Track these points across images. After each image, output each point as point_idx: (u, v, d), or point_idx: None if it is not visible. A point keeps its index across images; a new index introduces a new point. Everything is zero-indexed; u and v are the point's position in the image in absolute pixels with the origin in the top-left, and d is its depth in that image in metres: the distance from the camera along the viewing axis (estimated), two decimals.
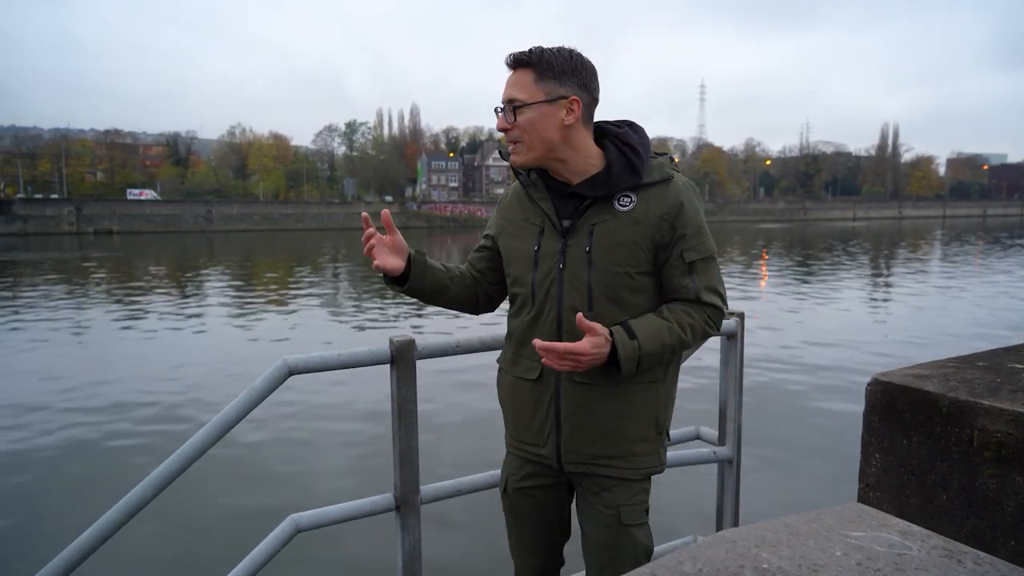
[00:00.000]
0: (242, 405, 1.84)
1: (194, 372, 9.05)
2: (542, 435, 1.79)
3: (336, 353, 1.96)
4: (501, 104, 1.70)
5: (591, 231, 1.70)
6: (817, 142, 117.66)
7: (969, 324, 12.03)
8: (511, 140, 1.72)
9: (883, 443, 1.98)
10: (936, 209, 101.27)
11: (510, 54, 1.69)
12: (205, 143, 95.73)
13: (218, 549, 4.04)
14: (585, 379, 1.70)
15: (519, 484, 1.89)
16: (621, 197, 1.70)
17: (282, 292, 18.47)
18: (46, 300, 16.63)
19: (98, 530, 1.73)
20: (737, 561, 0.92)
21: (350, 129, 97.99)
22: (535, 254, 1.76)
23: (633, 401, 1.72)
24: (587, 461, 1.75)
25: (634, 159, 1.70)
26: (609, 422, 1.72)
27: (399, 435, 2.07)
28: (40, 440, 6.26)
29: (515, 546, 1.98)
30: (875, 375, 2.03)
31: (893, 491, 1.97)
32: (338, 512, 2.02)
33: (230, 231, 62.30)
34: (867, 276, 21.61)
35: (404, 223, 71.43)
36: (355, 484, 5.07)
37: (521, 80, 1.67)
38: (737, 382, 2.48)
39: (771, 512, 4.01)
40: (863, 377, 6.82)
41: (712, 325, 1.73)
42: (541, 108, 1.66)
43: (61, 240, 50.35)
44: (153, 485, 1.77)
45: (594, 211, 1.70)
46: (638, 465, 1.76)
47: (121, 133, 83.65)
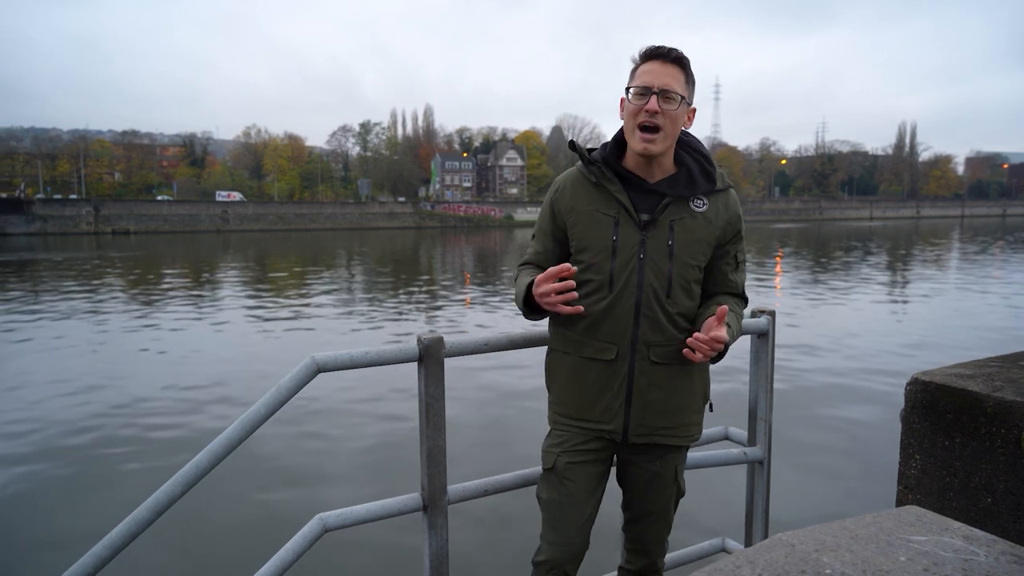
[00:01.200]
0: (270, 402, 1.82)
1: (217, 370, 9.09)
2: (610, 411, 1.91)
3: (364, 351, 1.94)
4: (644, 87, 1.80)
5: (671, 226, 1.87)
6: (833, 141, 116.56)
7: (995, 322, 11.85)
8: (653, 125, 1.81)
9: (923, 444, 1.93)
10: (954, 208, 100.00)
11: (663, 47, 1.82)
12: (221, 144, 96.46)
13: (243, 548, 4.04)
14: (661, 359, 1.88)
15: (572, 460, 1.96)
16: (695, 199, 1.90)
17: (305, 289, 18.56)
18: (70, 299, 16.81)
19: (127, 527, 1.72)
20: (798, 566, 0.89)
21: (364, 129, 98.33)
22: (613, 243, 1.88)
23: (693, 378, 1.94)
24: (652, 432, 1.92)
25: (709, 167, 1.93)
26: (674, 397, 1.91)
27: (426, 434, 2.05)
28: (65, 441, 6.30)
29: (554, 526, 1.98)
30: (915, 375, 1.98)
31: (935, 493, 1.92)
32: (365, 512, 2.00)
33: (245, 231, 62.73)
34: (889, 275, 21.37)
35: (418, 223, 71.68)
36: (376, 481, 5.05)
37: (676, 75, 1.82)
38: (768, 381, 2.43)
39: (802, 514, 3.96)
40: (886, 375, 6.76)
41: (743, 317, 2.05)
42: (684, 107, 1.84)
43: (80, 240, 50.92)
44: (182, 482, 1.75)
45: (673, 209, 1.88)
46: (690, 433, 1.99)
47: (139, 134, 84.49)
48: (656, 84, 1.79)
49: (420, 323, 13.13)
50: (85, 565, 1.68)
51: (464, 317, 13.84)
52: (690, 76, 1.85)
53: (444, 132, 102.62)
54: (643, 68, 1.83)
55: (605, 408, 1.91)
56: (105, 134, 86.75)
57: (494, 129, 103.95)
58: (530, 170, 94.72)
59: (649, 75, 1.81)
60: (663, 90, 1.79)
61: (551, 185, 2.05)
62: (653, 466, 1.97)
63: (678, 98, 1.80)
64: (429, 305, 15.56)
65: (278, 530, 4.17)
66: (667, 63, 1.81)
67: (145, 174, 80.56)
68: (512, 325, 12.54)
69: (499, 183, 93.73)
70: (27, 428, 6.71)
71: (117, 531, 1.72)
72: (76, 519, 4.61)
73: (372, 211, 73.07)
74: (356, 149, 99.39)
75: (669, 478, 1.99)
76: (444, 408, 2.06)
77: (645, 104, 1.80)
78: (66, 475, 5.39)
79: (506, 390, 7.17)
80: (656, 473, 1.98)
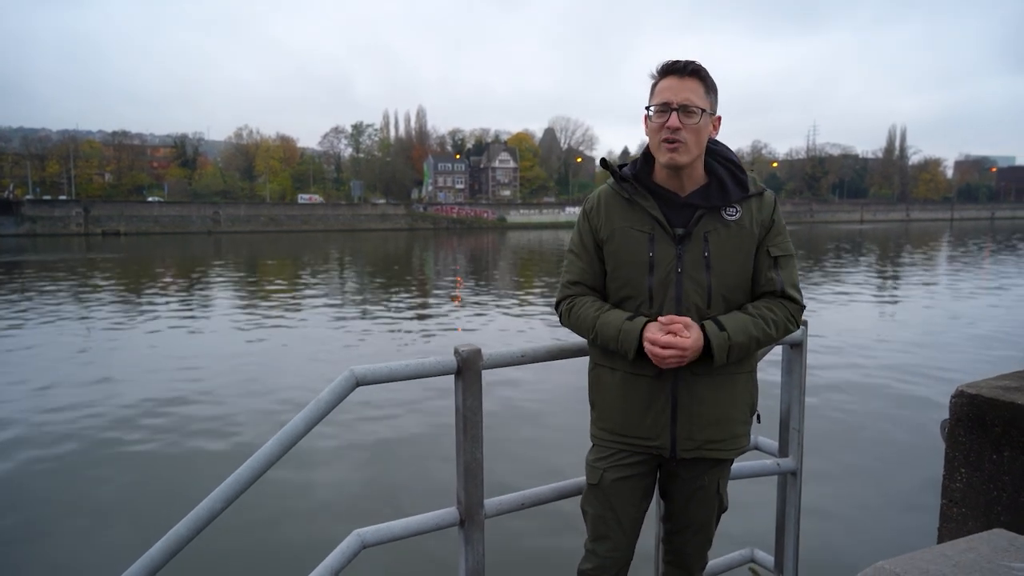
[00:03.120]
0: (310, 416, 1.79)
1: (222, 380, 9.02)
2: (656, 427, 1.90)
3: (403, 363, 1.91)
4: (664, 104, 1.80)
5: (706, 238, 1.86)
6: (824, 144, 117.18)
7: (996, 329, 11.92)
8: (675, 139, 1.80)
9: (970, 457, 1.91)
10: (944, 212, 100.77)
11: (679, 62, 1.82)
12: (212, 144, 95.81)
13: (277, 565, 4.00)
14: (701, 370, 1.85)
15: (617, 475, 1.96)
16: (727, 208, 1.89)
17: (303, 298, 18.45)
18: (70, 301, 16.66)
19: (167, 544, 1.68)
20: None
21: (356, 131, 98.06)
22: (650, 259, 1.88)
23: (737, 388, 1.92)
24: (700, 447, 1.90)
25: (740, 175, 1.92)
26: (719, 409, 1.89)
27: (463, 447, 2.02)
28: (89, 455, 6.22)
29: (601, 540, 2.01)
30: (960, 387, 1.96)
31: (981, 508, 1.90)
32: (403, 527, 1.97)
33: (237, 232, 62.41)
34: (879, 278, 21.48)
35: (410, 225, 71.51)
36: (412, 495, 4.99)
37: (696, 88, 1.81)
38: (801, 392, 2.42)
39: (834, 527, 3.93)
40: (910, 384, 6.71)
41: (792, 320, 1.90)
42: (707, 118, 1.83)
43: (70, 241, 50.51)
44: (222, 498, 1.72)
45: (707, 220, 1.87)
46: (738, 446, 1.96)
47: (129, 135, 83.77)
48: (676, 100, 1.79)
49: (447, 333, 13.08)
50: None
51: (477, 320, 13.80)
52: (710, 86, 1.84)
53: (437, 134, 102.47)
54: (662, 84, 1.83)
55: (652, 424, 1.90)
56: (95, 134, 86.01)
57: (487, 131, 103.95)
58: (523, 172, 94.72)
59: (668, 91, 1.81)
60: (683, 105, 1.79)
61: (584, 202, 2.06)
62: (699, 480, 1.96)
63: (699, 111, 1.79)
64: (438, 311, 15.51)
65: (311, 545, 4.20)
66: (684, 77, 1.80)
67: (135, 175, 79.95)
68: (527, 335, 12.53)
69: (492, 185, 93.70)
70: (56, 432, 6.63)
71: (156, 548, 1.68)
72: (103, 539, 4.55)
73: (364, 213, 72.86)
74: (348, 150, 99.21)
75: (712, 491, 1.99)
76: (481, 421, 2.03)
77: (666, 121, 1.80)
78: (81, 495, 5.31)
79: (529, 398, 7.17)
80: (700, 486, 1.97)
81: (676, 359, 1.76)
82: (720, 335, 1.78)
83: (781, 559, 2.54)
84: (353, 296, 18.30)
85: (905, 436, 6.13)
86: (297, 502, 5.00)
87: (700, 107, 1.79)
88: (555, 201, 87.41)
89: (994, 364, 8.72)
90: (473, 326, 13.00)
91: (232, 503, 1.74)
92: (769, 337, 1.85)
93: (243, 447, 6.16)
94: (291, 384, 8.43)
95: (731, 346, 1.79)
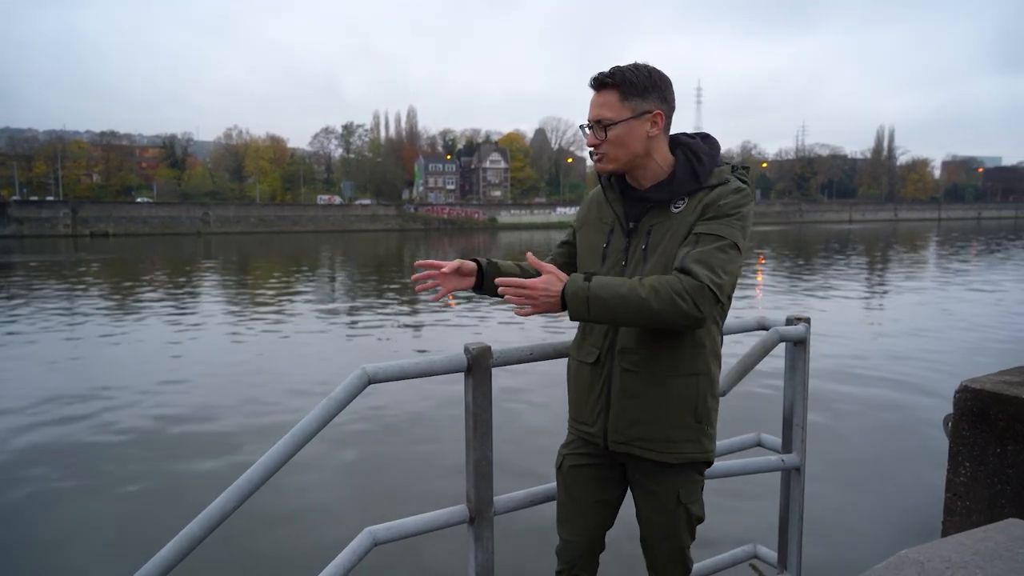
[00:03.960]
0: (322, 414, 1.80)
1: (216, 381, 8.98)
2: (593, 414, 1.94)
3: (414, 361, 1.93)
4: (588, 123, 1.86)
5: (649, 231, 1.87)
6: (813, 145, 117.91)
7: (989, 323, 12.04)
8: (599, 153, 1.87)
9: (973, 451, 1.94)
10: (931, 211, 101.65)
11: (593, 76, 1.83)
12: (202, 145, 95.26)
13: (291, 561, 4.00)
14: (631, 367, 1.85)
15: (574, 461, 2.03)
16: (677, 201, 1.85)
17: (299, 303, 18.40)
18: (74, 302, 16.53)
19: (179, 544, 1.68)
20: None
21: (347, 131, 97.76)
22: (603, 250, 1.94)
23: (673, 390, 1.83)
24: (628, 441, 1.88)
25: (697, 166, 1.85)
26: (650, 407, 1.84)
27: (473, 445, 2.03)
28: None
29: (562, 523, 2.07)
30: (963, 382, 1.99)
31: (985, 501, 1.93)
32: (413, 525, 1.98)
33: (227, 233, 62.10)
34: (867, 278, 21.66)
35: (401, 226, 71.40)
36: (422, 493, 4.99)
37: (607, 100, 1.81)
38: (804, 388, 2.44)
39: (836, 522, 3.96)
40: (910, 380, 6.73)
41: (685, 296, 1.65)
42: (629, 124, 1.81)
43: (57, 242, 50.09)
44: (235, 497, 1.72)
45: (654, 213, 1.88)
46: (676, 450, 1.86)
47: (117, 135, 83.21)
48: (590, 117, 1.85)
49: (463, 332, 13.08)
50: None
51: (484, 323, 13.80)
52: (627, 90, 1.79)
53: (427, 134, 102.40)
54: (591, 100, 1.87)
55: (590, 411, 1.95)
56: (83, 135, 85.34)
57: (478, 131, 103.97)
58: (514, 172, 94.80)
59: (590, 107, 1.85)
60: (595, 122, 1.83)
61: None
62: (649, 483, 1.91)
63: (612, 123, 1.81)
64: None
65: (322, 543, 4.18)
66: (599, 92, 1.83)
67: (124, 175, 79.41)
68: (556, 334, 12.53)
69: (483, 185, 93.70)
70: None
71: (168, 548, 1.68)
72: (112, 538, 4.52)
73: (355, 213, 72.68)
74: (339, 151, 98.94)
75: (669, 500, 1.89)
76: (491, 418, 2.04)
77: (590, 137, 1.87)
78: (92, 502, 5.27)
79: (531, 395, 7.17)
80: (652, 492, 1.91)
81: (526, 299, 1.73)
82: (580, 284, 1.70)
83: (785, 555, 2.57)
84: (347, 298, 18.26)
85: (907, 432, 6.18)
86: (306, 500, 4.99)
87: (612, 119, 1.80)
88: (546, 202, 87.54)
89: (994, 359, 8.82)
90: (470, 322, 13.01)
91: (245, 502, 1.74)
92: (642, 303, 1.66)
93: (230, 445, 6.14)
94: (289, 387, 8.40)
95: (589, 297, 1.68)
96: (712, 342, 1.88)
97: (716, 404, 1.92)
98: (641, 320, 1.71)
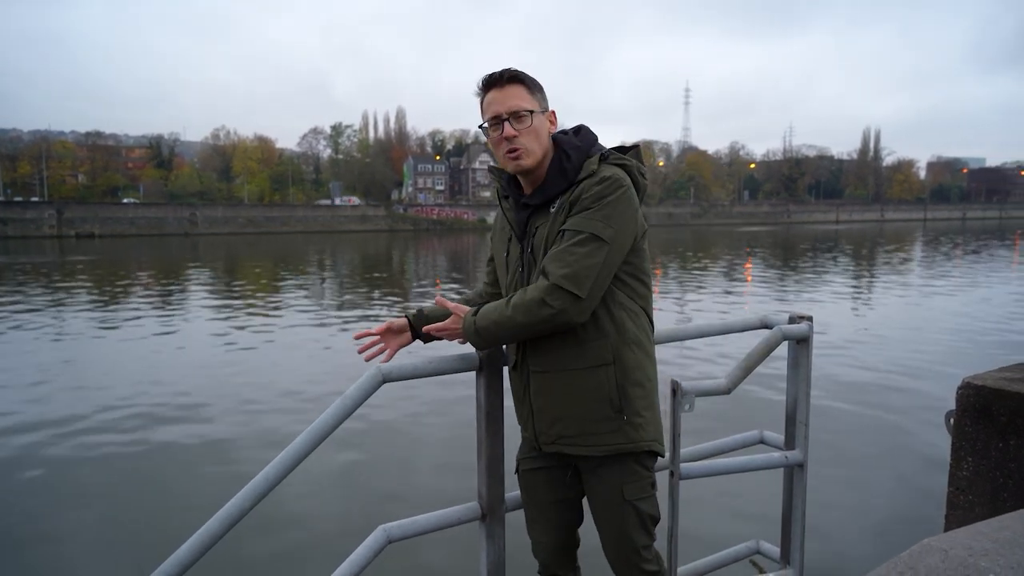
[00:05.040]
0: (337, 413, 1.81)
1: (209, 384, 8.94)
2: (524, 418, 1.99)
3: (427, 360, 1.95)
4: (495, 117, 1.82)
5: (533, 234, 1.90)
6: (800, 146, 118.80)
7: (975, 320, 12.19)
8: (515, 147, 1.83)
9: (976, 446, 1.98)
10: (917, 212, 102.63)
11: (495, 73, 1.84)
12: (189, 145, 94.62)
13: (305, 559, 4.00)
14: (538, 368, 1.88)
15: (526, 466, 2.08)
16: (554, 201, 1.86)
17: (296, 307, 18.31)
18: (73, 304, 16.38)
19: (198, 541, 1.69)
20: (960, 571, 0.91)
21: (335, 132, 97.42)
22: (505, 259, 2.00)
23: (582, 384, 1.84)
24: (554, 440, 1.91)
25: (565, 163, 1.85)
26: (564, 404, 1.87)
27: (485, 443, 2.05)
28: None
29: (530, 525, 2.11)
30: (965, 379, 2.04)
31: (987, 494, 1.97)
32: (427, 522, 2.00)
33: (215, 234, 61.70)
34: (854, 277, 21.85)
35: (390, 226, 71.22)
36: (434, 491, 5.00)
37: (518, 93, 1.83)
38: (807, 386, 2.48)
39: (836, 517, 4.00)
40: (910, 377, 6.77)
41: (543, 300, 1.71)
42: (539, 117, 1.85)
43: (42, 243, 49.58)
44: (252, 495, 1.73)
45: (535, 217, 1.90)
46: (600, 443, 1.85)
47: (103, 135, 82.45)
48: (503, 110, 1.82)
49: None
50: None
51: None
52: (532, 85, 1.86)
53: (416, 135, 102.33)
54: (487, 99, 1.85)
55: (523, 415, 2.00)
56: (68, 135, 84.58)
57: (467, 132, 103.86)
58: None
59: (495, 104, 1.83)
60: (512, 112, 1.81)
61: None
62: (593, 480, 1.92)
63: (528, 113, 1.82)
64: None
65: (332, 540, 4.18)
66: (504, 86, 1.83)
67: (110, 176, 78.71)
68: None
69: (472, 186, 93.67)
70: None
71: (187, 546, 1.69)
72: (126, 540, 4.51)
73: (344, 214, 72.42)
74: (327, 151, 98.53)
75: (614, 498, 1.88)
76: (503, 417, 2.07)
77: (502, 133, 1.83)
78: (110, 499, 5.25)
79: None
80: (595, 489, 1.93)
81: (447, 336, 1.92)
82: (469, 320, 1.84)
83: (787, 550, 2.61)
84: (344, 299, 18.20)
85: (908, 428, 6.24)
86: (320, 498, 5.00)
87: (528, 109, 1.82)
88: None
89: (993, 355, 8.95)
90: None
91: (262, 500, 1.75)
92: (510, 320, 1.75)
93: (219, 444, 6.13)
94: (283, 389, 8.38)
95: (477, 329, 1.81)
96: (621, 330, 1.82)
97: (645, 392, 1.87)
98: (524, 334, 1.81)
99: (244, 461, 5.75)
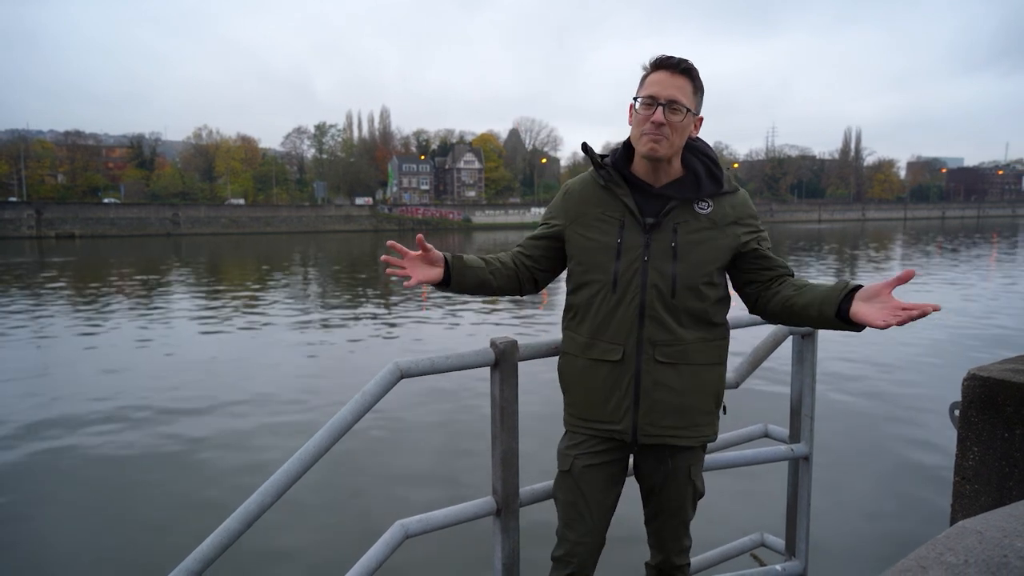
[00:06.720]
0: (356, 408, 1.82)
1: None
2: (618, 412, 1.93)
3: (444, 356, 1.96)
4: (651, 97, 1.83)
5: (675, 229, 1.90)
6: (783, 146, 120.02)
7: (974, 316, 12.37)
8: (658, 133, 1.84)
9: (982, 436, 2.02)
10: (897, 211, 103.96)
11: (673, 58, 1.84)
12: (170, 145, 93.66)
13: (323, 555, 3.99)
14: (666, 358, 1.89)
15: (588, 462, 2.00)
16: (700, 202, 1.93)
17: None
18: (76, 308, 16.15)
19: (219, 538, 1.69)
20: (997, 551, 0.94)
21: (319, 131, 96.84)
22: (618, 245, 1.92)
23: (706, 378, 1.94)
24: (661, 433, 1.93)
25: (716, 170, 1.95)
26: (681, 397, 1.91)
27: (500, 437, 2.06)
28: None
29: (571, 526, 2.02)
30: (971, 370, 2.08)
31: (993, 483, 2.01)
32: (443, 517, 2.01)
33: (197, 234, 61.12)
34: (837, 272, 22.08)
35: (375, 226, 70.89)
36: (450, 485, 4.99)
37: (684, 87, 1.85)
38: (812, 379, 2.52)
39: (842, 509, 4.05)
40: (913, 373, 6.85)
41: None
42: (690, 117, 1.88)
43: (21, 244, 48.86)
44: (272, 491, 1.74)
45: (678, 212, 1.92)
46: (699, 434, 1.98)
47: (83, 135, 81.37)
48: (663, 95, 1.82)
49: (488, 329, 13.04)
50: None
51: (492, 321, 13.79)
52: (698, 86, 1.88)
53: (401, 134, 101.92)
54: (651, 78, 1.86)
55: (614, 409, 1.93)
56: (46, 134, 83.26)
57: (451, 132, 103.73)
58: (488, 173, 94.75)
59: (657, 86, 1.83)
60: (670, 101, 1.82)
61: (562, 187, 2.10)
62: (665, 465, 1.98)
63: (684, 110, 1.83)
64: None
65: (349, 535, 4.17)
66: (675, 74, 1.83)
67: (90, 176, 77.70)
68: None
69: (457, 186, 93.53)
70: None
71: (208, 543, 1.69)
72: (146, 540, 4.47)
73: (328, 214, 72.03)
74: (312, 151, 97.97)
75: (683, 478, 2.00)
76: (517, 412, 2.08)
77: (652, 115, 1.83)
78: (129, 495, 5.20)
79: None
80: (668, 473, 1.99)
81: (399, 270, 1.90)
82: None
83: (792, 542, 2.64)
84: (324, 301, 18.11)
85: (911, 420, 6.32)
86: (337, 493, 5.00)
87: (686, 106, 1.83)
88: (520, 202, 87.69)
89: (995, 349, 9.10)
90: (463, 323, 13.01)
91: (282, 496, 1.76)
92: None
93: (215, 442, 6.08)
94: (252, 395, 8.33)
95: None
96: (728, 332, 2.03)
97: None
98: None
99: (257, 455, 5.71)
